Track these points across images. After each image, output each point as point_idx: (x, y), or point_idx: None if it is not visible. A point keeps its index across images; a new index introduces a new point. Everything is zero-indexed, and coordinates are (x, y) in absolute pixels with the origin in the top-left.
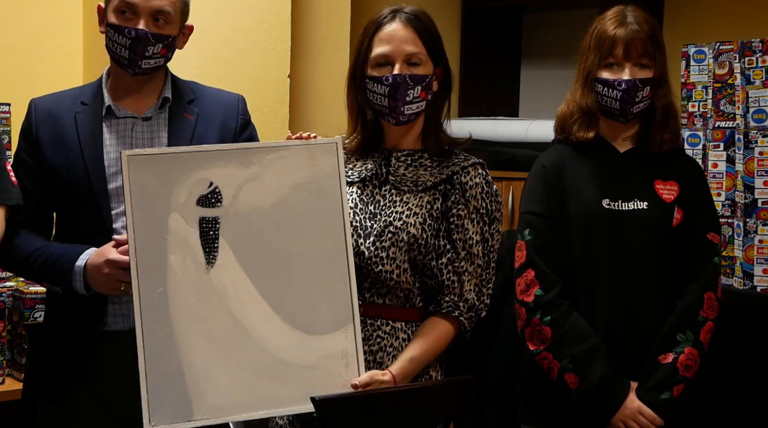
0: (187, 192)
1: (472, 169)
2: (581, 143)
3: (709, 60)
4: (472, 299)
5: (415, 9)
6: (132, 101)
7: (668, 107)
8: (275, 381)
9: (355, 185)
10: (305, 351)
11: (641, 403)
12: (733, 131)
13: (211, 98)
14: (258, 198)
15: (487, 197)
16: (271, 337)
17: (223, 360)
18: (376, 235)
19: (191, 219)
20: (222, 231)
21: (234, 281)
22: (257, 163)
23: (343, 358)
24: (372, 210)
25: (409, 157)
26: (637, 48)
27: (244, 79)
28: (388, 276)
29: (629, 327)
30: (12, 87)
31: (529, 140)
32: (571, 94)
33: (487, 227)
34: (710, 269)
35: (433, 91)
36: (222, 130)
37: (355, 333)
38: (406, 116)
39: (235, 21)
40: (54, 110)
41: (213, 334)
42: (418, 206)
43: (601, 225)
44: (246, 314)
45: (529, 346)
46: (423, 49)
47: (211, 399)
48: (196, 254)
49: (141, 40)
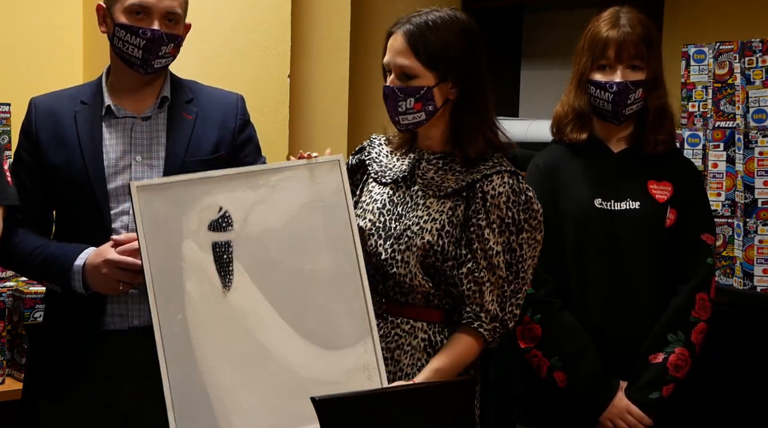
0: (197, 219)
1: (497, 177)
2: (575, 143)
3: (709, 60)
4: (494, 310)
5: (425, 20)
6: (131, 101)
7: (662, 108)
8: (302, 399)
9: (388, 186)
10: (328, 367)
11: (629, 402)
12: (733, 131)
13: (210, 98)
14: (268, 219)
15: (513, 206)
16: (294, 356)
17: (248, 382)
18: (395, 238)
19: (204, 245)
20: (236, 254)
21: (252, 303)
22: (264, 185)
23: (365, 371)
24: (399, 212)
25: (440, 160)
26: (628, 50)
27: (244, 79)
28: (402, 279)
29: (620, 326)
30: (12, 87)
31: (529, 140)
32: (565, 95)
33: (514, 237)
34: (703, 270)
35: (434, 103)
36: (221, 129)
37: (374, 345)
38: (403, 126)
39: (235, 21)
40: (54, 109)
41: (236, 357)
42: (438, 211)
43: (593, 225)
44: (267, 335)
45: (520, 344)
46: (417, 63)
47: (240, 424)
48: (212, 279)
49: (156, 40)
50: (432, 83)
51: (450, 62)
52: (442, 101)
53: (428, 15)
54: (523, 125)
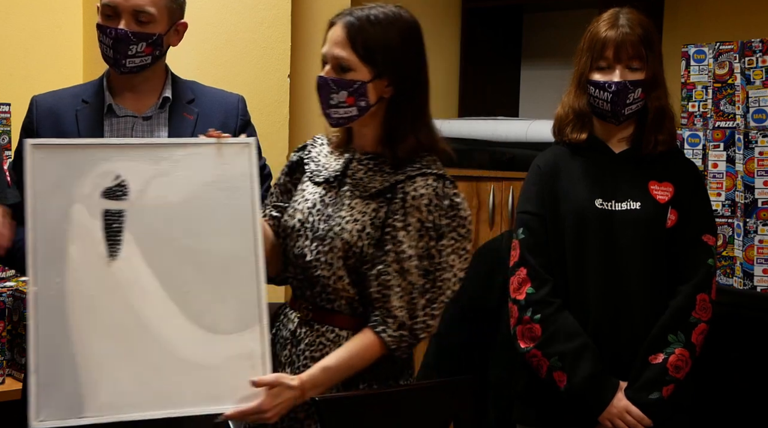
0: (92, 184)
1: (420, 179)
2: (576, 144)
3: (709, 60)
4: (402, 318)
5: (368, 14)
6: (132, 100)
7: (661, 109)
8: (176, 380)
9: (320, 186)
10: (209, 351)
11: (629, 402)
12: (733, 131)
13: (211, 98)
14: (167, 193)
15: (435, 210)
16: (174, 334)
17: (121, 355)
18: (320, 239)
19: (95, 211)
20: (127, 225)
21: (137, 276)
22: (167, 159)
23: (249, 359)
24: (329, 213)
25: (371, 160)
26: (627, 50)
27: (244, 79)
28: (326, 282)
29: (619, 327)
30: (12, 87)
31: (529, 140)
32: (565, 97)
33: (433, 243)
34: (703, 271)
35: (367, 99)
36: (221, 130)
37: (262, 334)
38: (334, 120)
39: (235, 21)
40: (55, 108)
41: (112, 328)
42: (361, 212)
43: (593, 225)
44: (148, 310)
45: (520, 344)
46: (353, 56)
47: (106, 396)
48: (98, 247)
49: (122, 39)
50: (367, 78)
51: (387, 60)
52: (375, 98)
53: (372, 9)
54: (523, 125)
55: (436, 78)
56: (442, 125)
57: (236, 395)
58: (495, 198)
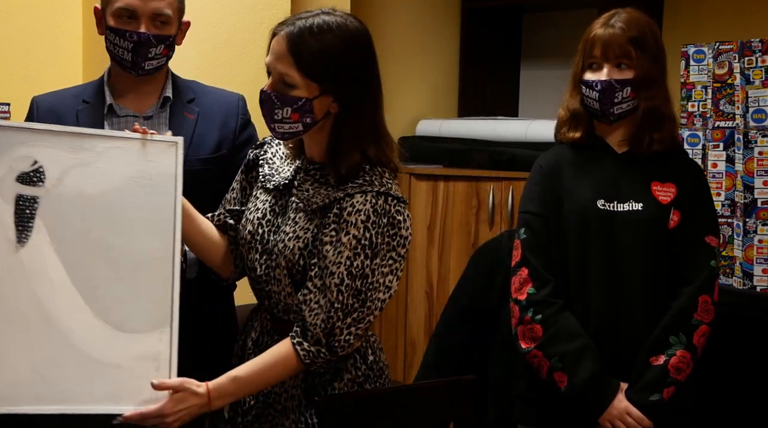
0: (7, 167)
1: (360, 195)
2: (578, 144)
3: (709, 60)
4: (318, 335)
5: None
6: (133, 100)
7: (654, 109)
8: (75, 375)
9: (271, 194)
10: (113, 348)
11: (629, 404)
12: (732, 130)
13: (211, 98)
14: (85, 184)
15: (373, 227)
16: (78, 328)
17: (19, 345)
18: (268, 253)
19: (7, 195)
20: (40, 212)
21: (44, 264)
22: (89, 149)
23: (154, 361)
24: (278, 223)
25: (319, 171)
26: (614, 49)
27: (244, 79)
28: (278, 297)
29: (620, 328)
30: (12, 87)
31: (528, 140)
32: (564, 98)
33: (368, 262)
34: (706, 272)
35: (313, 115)
36: (222, 129)
37: (171, 336)
38: (279, 134)
39: (235, 21)
40: (56, 108)
41: (13, 315)
42: (303, 229)
43: (595, 225)
44: (53, 301)
45: (521, 344)
46: (296, 73)
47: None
48: (7, 231)
49: (144, 43)
50: (312, 95)
51: (331, 76)
52: (322, 114)
53: (315, 19)
54: (523, 125)
55: (436, 78)
56: (442, 125)
57: (138, 397)
58: (495, 198)
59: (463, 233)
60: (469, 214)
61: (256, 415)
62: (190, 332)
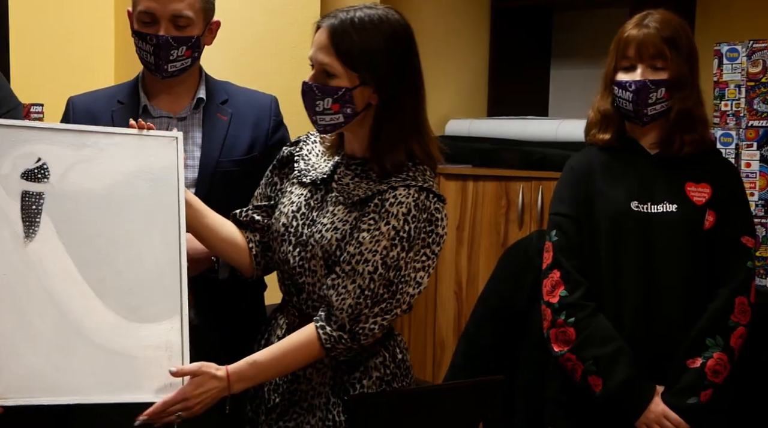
0: (11, 164)
1: (404, 189)
2: (610, 145)
3: (743, 58)
4: (343, 320)
5: (352, 17)
6: (167, 101)
7: (687, 111)
8: (89, 366)
9: (307, 188)
10: (125, 338)
11: (666, 407)
12: (766, 129)
13: (244, 99)
14: (89, 179)
15: (413, 220)
16: (89, 320)
17: (32, 338)
18: (302, 245)
19: (13, 192)
20: (46, 207)
21: (54, 258)
22: (91, 146)
23: (166, 350)
24: (314, 217)
25: (359, 166)
26: (648, 49)
27: (274, 80)
28: (312, 289)
29: (655, 330)
30: (45, 88)
31: (559, 140)
32: (595, 99)
33: (404, 254)
34: (742, 273)
35: (353, 106)
36: (254, 130)
37: (182, 325)
38: (321, 127)
39: (265, 21)
40: (92, 109)
41: (24, 309)
42: (342, 220)
43: (628, 227)
44: (63, 293)
45: (554, 347)
46: (337, 62)
47: (13, 380)
48: (15, 226)
49: (163, 46)
50: (352, 85)
51: (371, 67)
52: (363, 105)
53: (357, 12)
54: (553, 125)
55: (465, 77)
56: (471, 125)
57: (153, 385)
58: (524, 198)
59: (492, 233)
60: (498, 214)
61: (281, 413)
62: (221, 331)
